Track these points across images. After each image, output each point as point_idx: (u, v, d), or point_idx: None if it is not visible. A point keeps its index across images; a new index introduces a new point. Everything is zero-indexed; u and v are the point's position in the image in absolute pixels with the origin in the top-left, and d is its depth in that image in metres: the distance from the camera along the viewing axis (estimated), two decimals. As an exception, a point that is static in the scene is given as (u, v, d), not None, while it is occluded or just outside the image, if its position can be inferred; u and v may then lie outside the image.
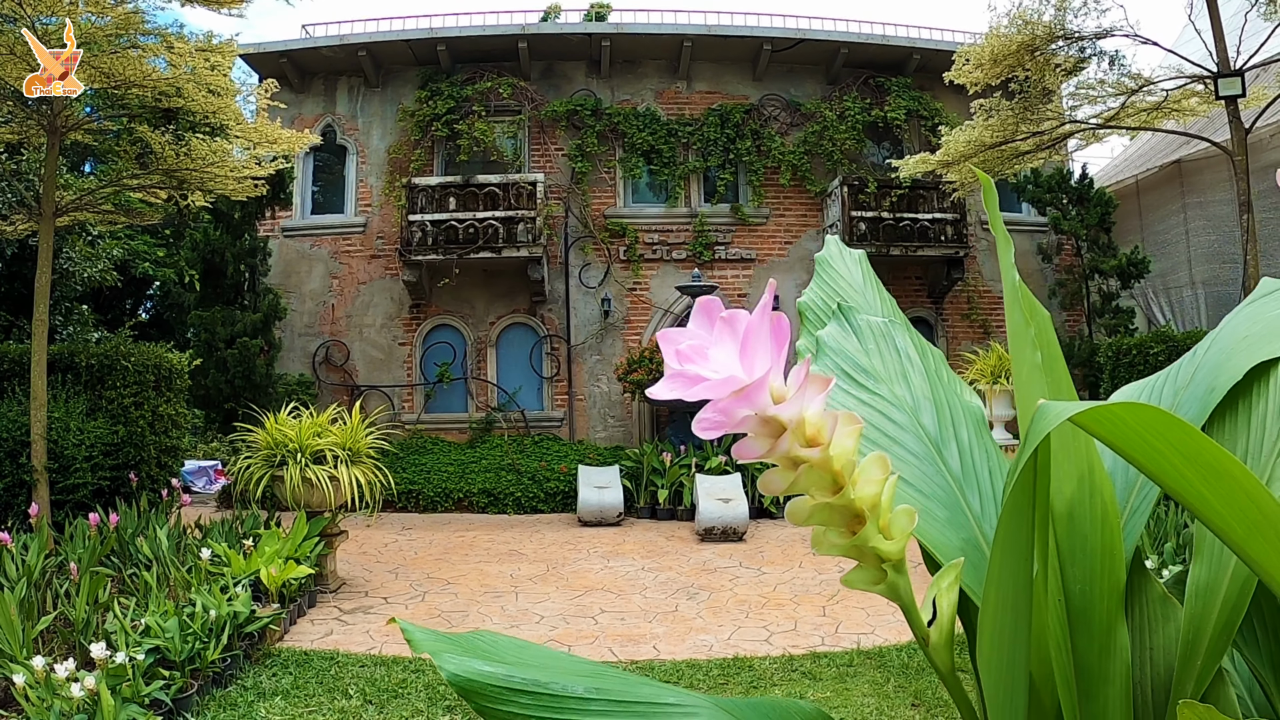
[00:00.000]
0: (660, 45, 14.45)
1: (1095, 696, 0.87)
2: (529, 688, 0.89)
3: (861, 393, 1.14)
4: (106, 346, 8.74)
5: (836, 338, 1.20)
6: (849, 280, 1.35)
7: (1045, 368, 0.98)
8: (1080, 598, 0.89)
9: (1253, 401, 1.01)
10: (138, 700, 4.18)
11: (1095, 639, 0.88)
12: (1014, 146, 8.97)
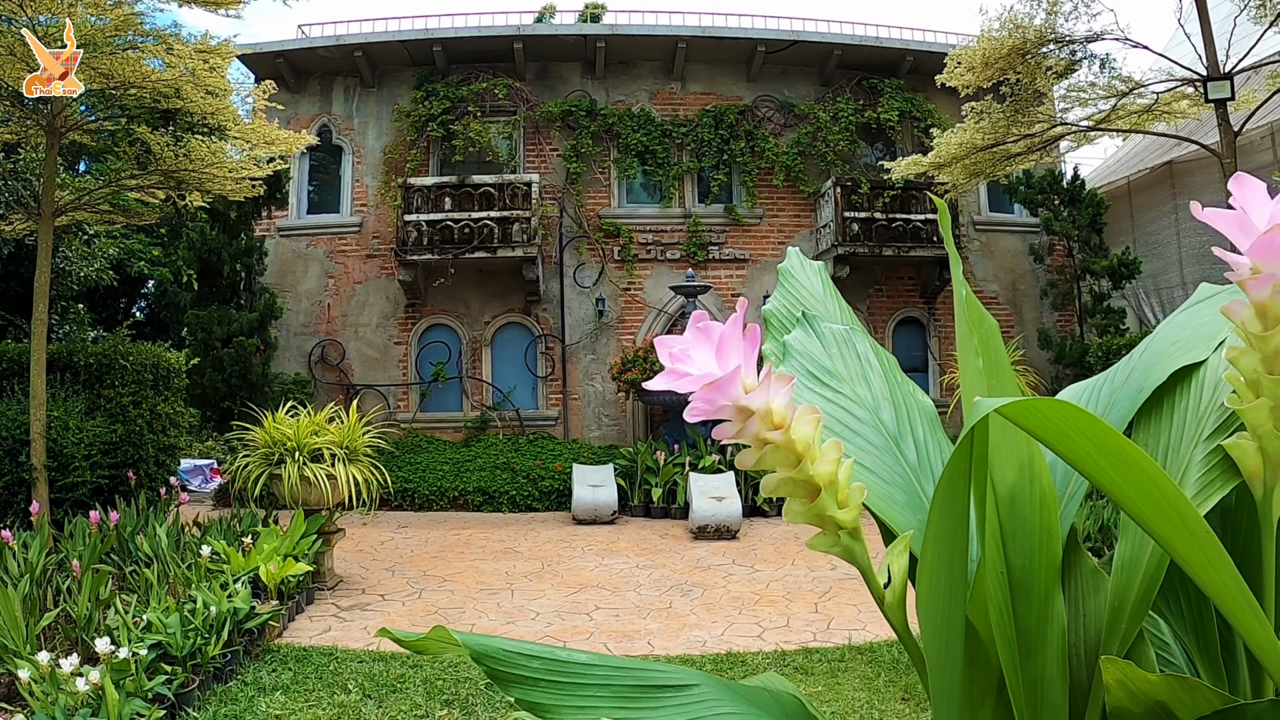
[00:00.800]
0: (655, 46, 14.54)
1: (1034, 655, 0.98)
2: (538, 654, 0.99)
3: (826, 391, 1.25)
4: (105, 346, 8.80)
5: (802, 342, 1.32)
6: (810, 290, 1.46)
7: (988, 371, 1.09)
8: (1021, 571, 1.00)
9: (1175, 401, 1.12)
10: (141, 695, 4.25)
11: (1034, 607, 1.00)
12: (1005, 149, 9.06)
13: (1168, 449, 1.09)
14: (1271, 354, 0.93)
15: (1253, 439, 0.95)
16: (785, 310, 1.42)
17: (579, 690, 0.97)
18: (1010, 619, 0.99)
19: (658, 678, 1.02)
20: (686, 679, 1.03)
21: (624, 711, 0.96)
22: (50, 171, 7.63)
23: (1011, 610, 1.00)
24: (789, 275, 1.50)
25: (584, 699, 0.96)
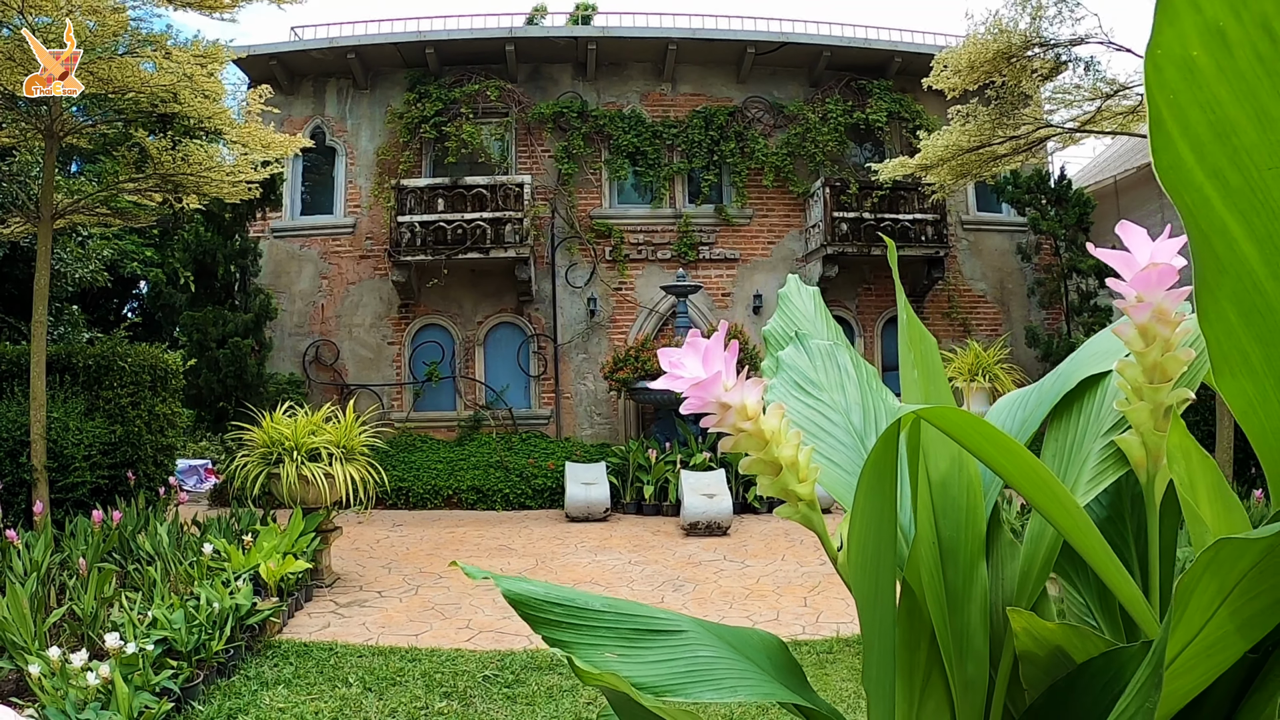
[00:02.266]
0: (645, 48, 14.66)
1: (960, 611, 1.18)
2: (561, 600, 1.21)
3: (808, 399, 1.46)
4: (103, 347, 8.89)
5: (792, 357, 1.55)
6: (803, 312, 1.69)
7: (924, 380, 1.31)
8: (950, 542, 1.21)
9: (1082, 404, 1.34)
10: (148, 689, 4.36)
11: (961, 571, 1.20)
12: (991, 150, 9.20)
13: (1074, 443, 1.31)
14: (1150, 366, 1.13)
15: (1137, 435, 1.16)
16: (782, 330, 1.66)
17: (592, 631, 1.19)
18: (940, 581, 1.19)
19: (655, 624, 1.24)
20: (680, 625, 1.25)
21: (626, 649, 1.18)
22: (49, 176, 7.72)
23: (942, 574, 1.20)
24: (787, 299, 1.73)
25: (596, 638, 1.18)
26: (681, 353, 1.14)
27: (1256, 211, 0.77)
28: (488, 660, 5.67)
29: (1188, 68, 0.73)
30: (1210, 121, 0.74)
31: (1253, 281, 0.80)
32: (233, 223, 12.53)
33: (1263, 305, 0.81)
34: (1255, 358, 0.84)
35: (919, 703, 1.24)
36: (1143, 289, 1.12)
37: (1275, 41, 0.70)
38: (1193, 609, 0.86)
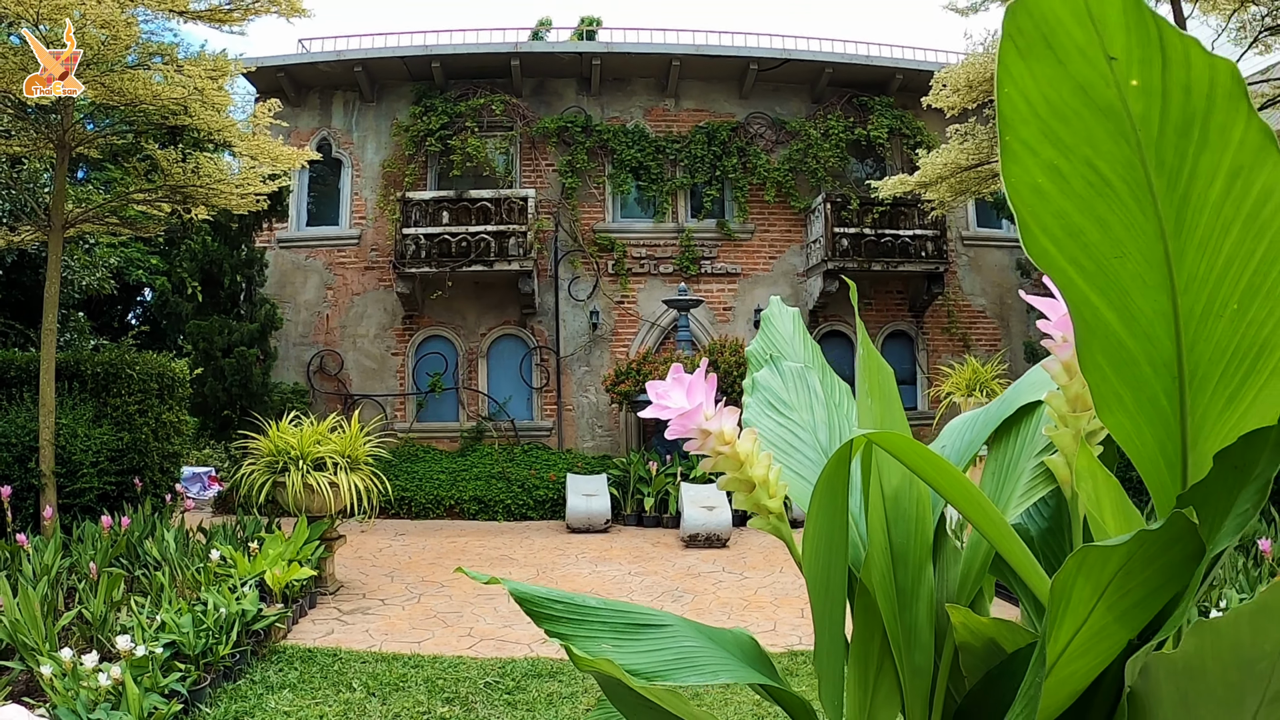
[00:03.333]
0: (649, 64, 14.82)
1: (909, 608, 1.34)
2: (561, 599, 1.37)
3: (780, 417, 1.63)
4: (111, 355, 9.00)
5: (767, 378, 1.72)
6: (783, 334, 1.85)
7: (879, 407, 1.47)
8: (900, 548, 1.37)
9: (1020, 428, 1.51)
10: (158, 690, 4.46)
11: (910, 573, 1.36)
12: (990, 168, 9.32)
13: (1011, 461, 1.49)
14: (1073, 397, 1.27)
15: (1062, 457, 1.30)
16: (762, 350, 1.82)
17: (589, 625, 1.34)
18: (891, 582, 1.36)
19: (645, 619, 1.40)
20: (666, 621, 1.42)
21: (618, 641, 1.33)
22: (60, 186, 7.83)
23: (893, 576, 1.36)
24: (769, 321, 1.88)
25: (591, 631, 1.33)
26: (667, 385, 1.31)
27: (1109, 288, 0.98)
28: (489, 667, 5.76)
29: (1037, 191, 0.95)
30: (1062, 225, 0.95)
31: (1116, 340, 1.02)
32: (239, 233, 12.67)
33: (1127, 358, 1.02)
34: (1127, 399, 1.05)
35: (873, 687, 1.40)
36: (1065, 330, 1.25)
37: (1098, 173, 0.92)
38: (1074, 604, 1.02)
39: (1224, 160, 0.89)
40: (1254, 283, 0.93)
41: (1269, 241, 0.90)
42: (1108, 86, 0.89)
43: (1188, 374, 1.02)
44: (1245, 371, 0.99)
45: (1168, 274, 0.96)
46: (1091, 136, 0.92)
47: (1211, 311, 0.97)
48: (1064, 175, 0.94)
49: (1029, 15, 0.89)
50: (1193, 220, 0.93)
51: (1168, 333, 1.00)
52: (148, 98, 7.39)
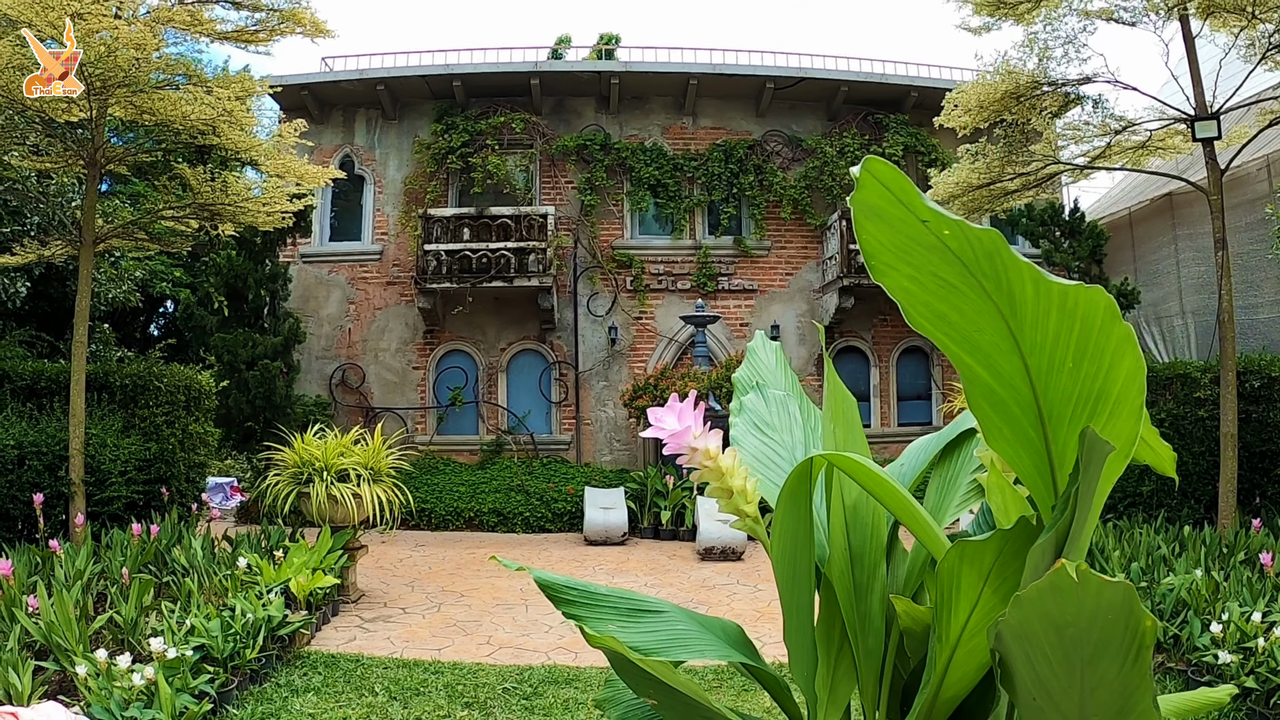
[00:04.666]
0: (667, 83, 15.01)
1: (864, 599, 1.58)
2: (576, 586, 1.60)
3: (763, 437, 1.90)
4: (140, 367, 9.23)
5: (753, 403, 1.98)
6: (766, 364, 2.12)
7: (841, 431, 1.73)
8: (858, 549, 1.62)
9: (961, 450, 1.81)
10: (188, 691, 4.63)
11: (865, 571, 1.60)
12: (1001, 186, 9.43)
13: (951, 476, 1.77)
14: None
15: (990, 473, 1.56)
16: (748, 377, 2.10)
17: (599, 609, 1.58)
18: (850, 578, 1.60)
19: (646, 605, 1.64)
20: (664, 608, 1.66)
21: (623, 623, 1.57)
22: (90, 202, 8.04)
23: (850, 572, 1.61)
24: (754, 352, 2.18)
25: (601, 614, 1.57)
26: (664, 411, 1.60)
27: (975, 352, 1.30)
28: (507, 673, 5.90)
29: (906, 291, 1.30)
30: (930, 312, 1.30)
31: (989, 388, 1.31)
32: (264, 248, 12.91)
33: (999, 401, 1.31)
34: (1006, 431, 1.34)
35: (834, 664, 1.65)
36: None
37: (944, 280, 1.26)
38: (964, 589, 1.30)
39: (1024, 274, 1.19)
40: (1080, 348, 1.21)
41: (1080, 321, 1.20)
42: (928, 235, 1.20)
43: (1046, 413, 1.28)
44: (1089, 412, 1.25)
45: (1015, 343, 1.24)
46: (929, 261, 1.23)
47: (1054, 368, 1.24)
48: (921, 283, 1.24)
49: (862, 200, 1.23)
50: (1020, 309, 1.21)
51: (1025, 384, 1.27)
52: (177, 118, 7.60)
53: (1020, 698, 1.24)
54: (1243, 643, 5.16)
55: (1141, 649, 1.11)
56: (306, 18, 8.23)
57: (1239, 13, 7.66)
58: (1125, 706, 1.16)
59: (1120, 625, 1.09)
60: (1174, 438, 8.63)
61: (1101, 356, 1.22)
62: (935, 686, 1.39)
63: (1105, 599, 1.07)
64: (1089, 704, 1.16)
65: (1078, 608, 1.08)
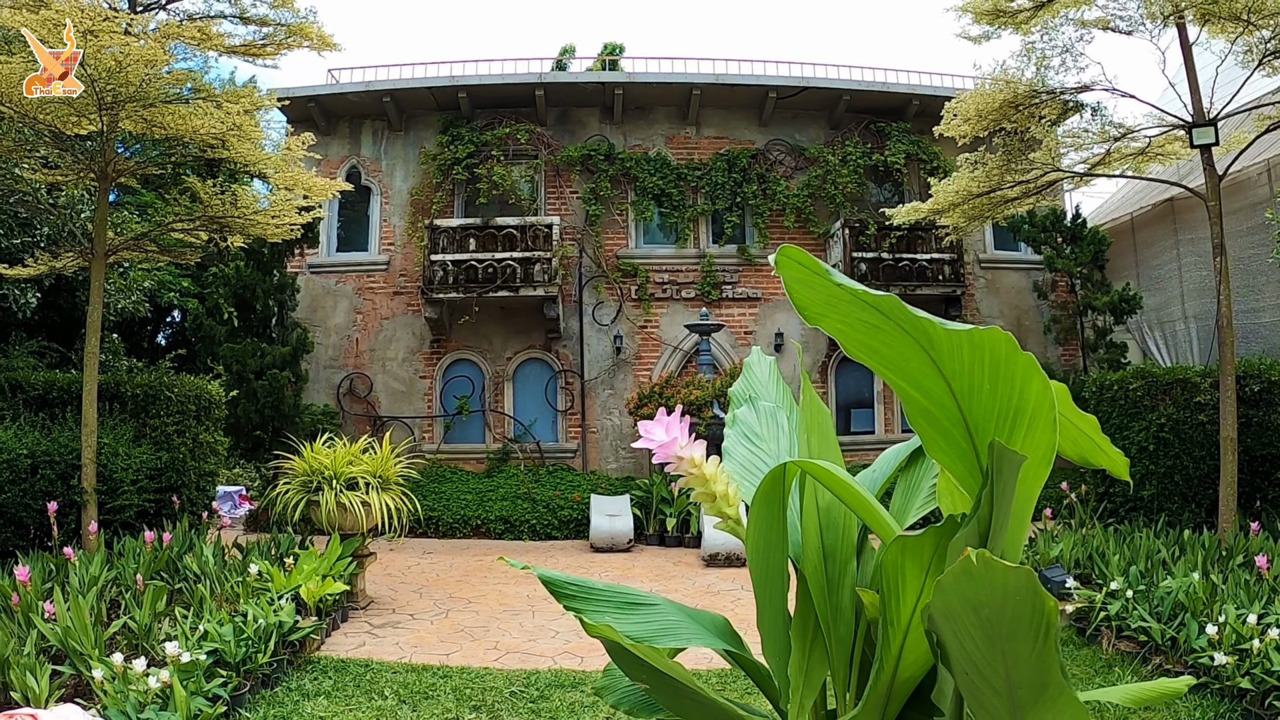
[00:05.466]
0: (670, 93, 15.15)
1: (835, 593, 1.74)
2: (576, 581, 1.73)
3: (753, 446, 2.05)
4: (151, 377, 9.34)
5: (745, 415, 2.14)
6: (760, 377, 2.28)
7: (815, 439, 1.88)
8: (830, 547, 1.78)
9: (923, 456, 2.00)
10: (203, 694, 4.73)
11: (837, 567, 1.76)
12: (1002, 194, 9.51)
13: (915, 481, 1.96)
14: None
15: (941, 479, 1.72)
16: (743, 391, 2.26)
17: (597, 602, 1.72)
18: (823, 573, 1.76)
19: (639, 599, 1.81)
20: (655, 601, 1.83)
21: (618, 614, 1.71)
22: (102, 215, 8.15)
23: (823, 568, 1.77)
24: (749, 367, 2.35)
25: (599, 607, 1.71)
26: (653, 424, 1.74)
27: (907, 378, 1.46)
28: (514, 678, 5.99)
29: (840, 331, 1.50)
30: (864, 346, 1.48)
31: (923, 407, 1.48)
32: (271, 258, 13.03)
33: (933, 418, 1.48)
34: (941, 443, 1.51)
35: (809, 651, 1.79)
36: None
37: (869, 322, 1.42)
38: (908, 580, 1.48)
39: (927, 322, 1.38)
40: (993, 373, 1.37)
41: (988, 352, 1.36)
42: (841, 290, 1.40)
43: (973, 427, 1.44)
44: (1010, 425, 1.41)
45: (938, 370, 1.40)
46: (853, 311, 1.43)
47: (974, 390, 1.40)
48: (850, 325, 1.43)
49: (786, 274, 1.49)
50: (936, 344, 1.37)
51: (952, 403, 1.44)
52: (187, 132, 7.72)
53: (957, 673, 1.38)
54: (1239, 644, 5.23)
55: (1049, 627, 1.26)
56: (313, 32, 8.36)
57: (1235, 20, 7.74)
58: (1043, 680, 1.30)
59: (1028, 606, 1.23)
60: (1174, 442, 8.70)
61: (1013, 380, 1.39)
62: (891, 669, 1.56)
63: (1011, 582, 1.21)
64: (1013, 676, 1.30)
65: (989, 590, 1.22)
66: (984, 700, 1.37)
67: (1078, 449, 1.87)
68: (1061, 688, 1.30)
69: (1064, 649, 6.37)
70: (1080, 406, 7.96)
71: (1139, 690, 1.84)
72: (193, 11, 8.44)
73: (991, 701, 1.36)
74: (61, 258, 8.91)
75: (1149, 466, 8.81)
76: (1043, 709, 1.33)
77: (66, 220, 9.67)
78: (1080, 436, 1.84)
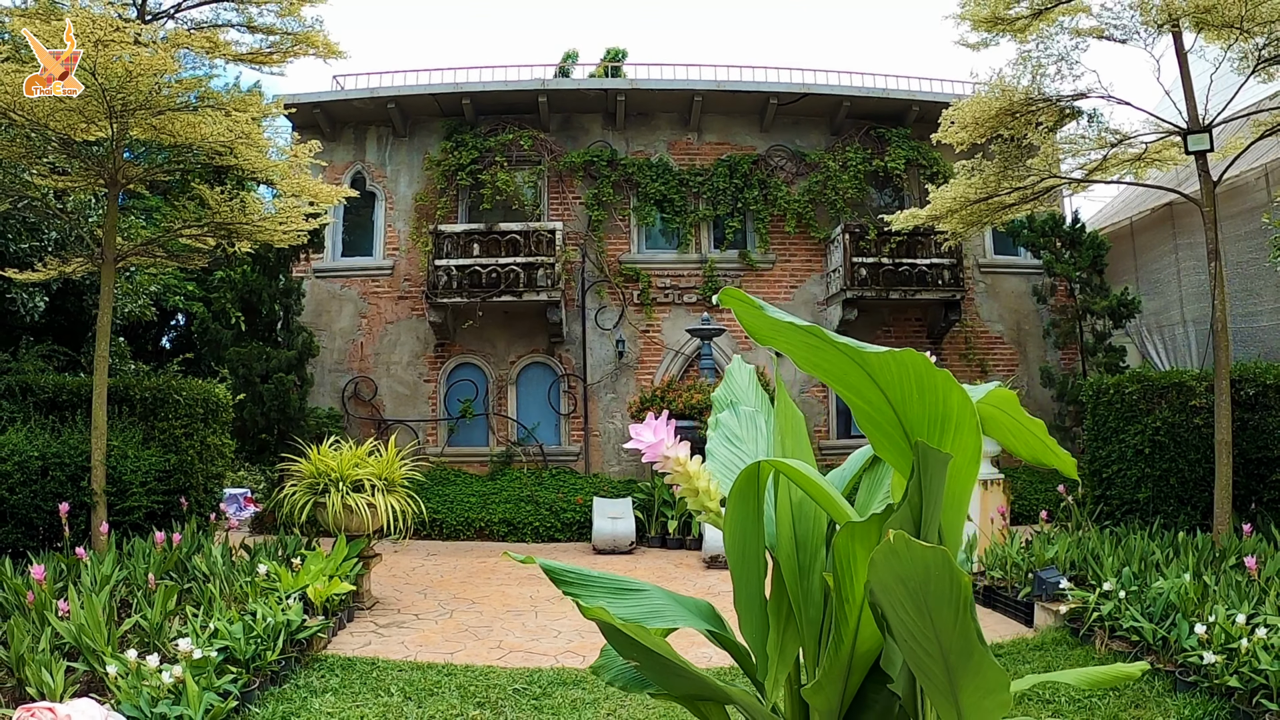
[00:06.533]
0: (672, 99, 15.27)
1: (807, 579, 1.88)
2: (574, 570, 1.87)
3: (734, 447, 2.22)
4: (158, 381, 9.46)
5: (726, 419, 2.30)
6: (740, 384, 2.46)
7: (789, 442, 2.04)
8: (803, 537, 1.92)
9: None
10: (214, 690, 4.85)
11: (808, 555, 1.90)
12: (999, 200, 9.61)
13: (878, 478, 2.13)
14: None
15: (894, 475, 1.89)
16: (724, 396, 2.43)
17: (592, 589, 1.87)
18: (795, 561, 1.91)
19: (630, 586, 1.96)
20: (645, 588, 1.98)
21: (611, 599, 1.86)
22: (112, 221, 8.26)
23: (796, 555, 1.92)
24: (731, 374, 2.52)
25: (594, 593, 1.86)
26: (643, 427, 1.91)
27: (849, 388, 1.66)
28: (518, 676, 6.10)
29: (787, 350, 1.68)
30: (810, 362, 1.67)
31: (867, 413, 1.68)
32: (277, 263, 13.16)
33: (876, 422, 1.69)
34: (885, 443, 1.72)
35: (783, 630, 1.94)
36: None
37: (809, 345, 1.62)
38: (859, 562, 1.66)
39: (850, 345, 1.59)
40: (919, 385, 1.57)
41: (911, 368, 1.56)
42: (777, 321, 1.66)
43: (909, 430, 1.63)
44: (940, 429, 1.63)
45: (873, 381, 1.59)
46: (793, 334, 1.64)
47: (906, 399, 1.59)
48: (795, 346, 1.63)
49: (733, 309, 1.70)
50: (867, 360, 1.56)
51: (889, 410, 1.63)
52: (196, 139, 7.83)
53: (898, 641, 1.56)
54: (1228, 644, 5.32)
55: (966, 599, 1.44)
56: (319, 40, 8.47)
57: (1229, 27, 7.84)
58: (967, 646, 1.47)
59: (946, 580, 1.41)
60: (1170, 445, 8.78)
61: (936, 391, 1.59)
62: (850, 641, 1.74)
63: (930, 559, 1.38)
64: (943, 642, 1.48)
65: (911, 566, 1.39)
66: (923, 665, 1.57)
67: (1030, 450, 2.01)
68: (983, 654, 1.47)
69: (1058, 649, 6.49)
70: (1077, 409, 8.20)
71: (1093, 673, 1.99)
72: (200, 20, 8.57)
73: (929, 666, 1.55)
74: (71, 262, 9.01)
75: (1145, 470, 8.89)
76: (970, 673, 1.51)
77: (74, 225, 9.77)
78: (1031, 438, 1.97)
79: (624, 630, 1.74)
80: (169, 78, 7.49)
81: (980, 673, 1.51)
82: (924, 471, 1.55)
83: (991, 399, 1.93)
